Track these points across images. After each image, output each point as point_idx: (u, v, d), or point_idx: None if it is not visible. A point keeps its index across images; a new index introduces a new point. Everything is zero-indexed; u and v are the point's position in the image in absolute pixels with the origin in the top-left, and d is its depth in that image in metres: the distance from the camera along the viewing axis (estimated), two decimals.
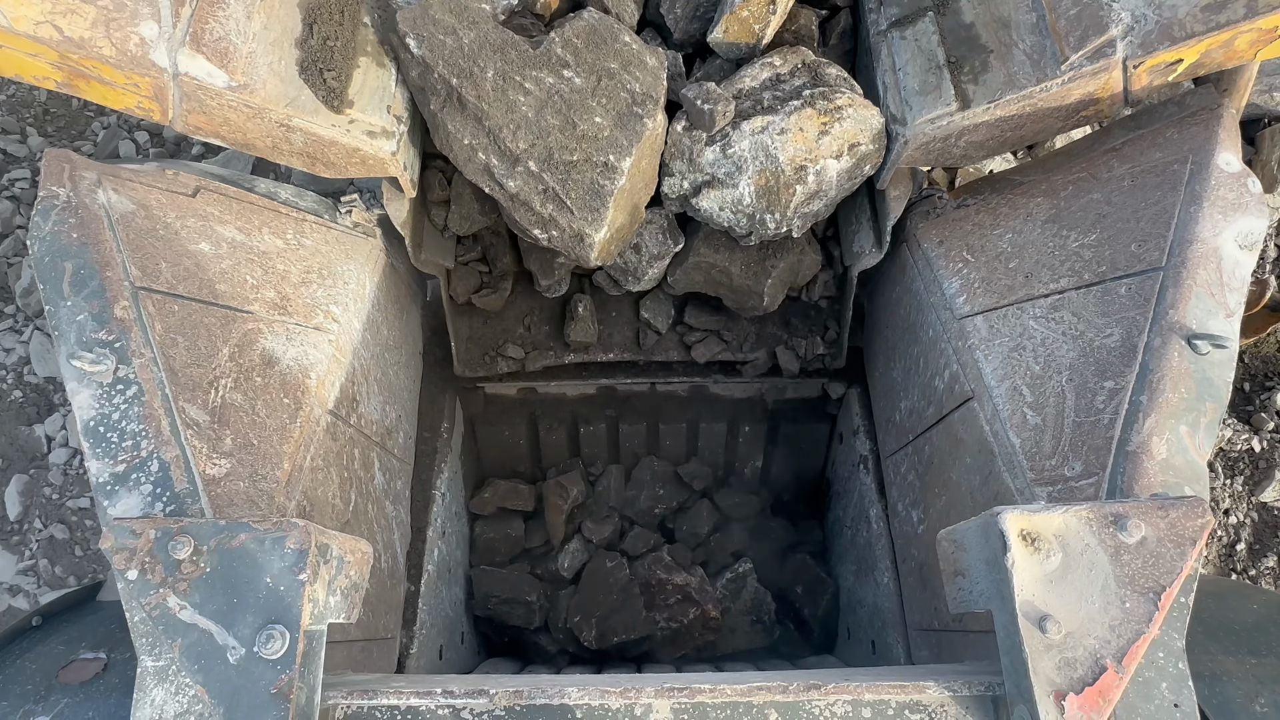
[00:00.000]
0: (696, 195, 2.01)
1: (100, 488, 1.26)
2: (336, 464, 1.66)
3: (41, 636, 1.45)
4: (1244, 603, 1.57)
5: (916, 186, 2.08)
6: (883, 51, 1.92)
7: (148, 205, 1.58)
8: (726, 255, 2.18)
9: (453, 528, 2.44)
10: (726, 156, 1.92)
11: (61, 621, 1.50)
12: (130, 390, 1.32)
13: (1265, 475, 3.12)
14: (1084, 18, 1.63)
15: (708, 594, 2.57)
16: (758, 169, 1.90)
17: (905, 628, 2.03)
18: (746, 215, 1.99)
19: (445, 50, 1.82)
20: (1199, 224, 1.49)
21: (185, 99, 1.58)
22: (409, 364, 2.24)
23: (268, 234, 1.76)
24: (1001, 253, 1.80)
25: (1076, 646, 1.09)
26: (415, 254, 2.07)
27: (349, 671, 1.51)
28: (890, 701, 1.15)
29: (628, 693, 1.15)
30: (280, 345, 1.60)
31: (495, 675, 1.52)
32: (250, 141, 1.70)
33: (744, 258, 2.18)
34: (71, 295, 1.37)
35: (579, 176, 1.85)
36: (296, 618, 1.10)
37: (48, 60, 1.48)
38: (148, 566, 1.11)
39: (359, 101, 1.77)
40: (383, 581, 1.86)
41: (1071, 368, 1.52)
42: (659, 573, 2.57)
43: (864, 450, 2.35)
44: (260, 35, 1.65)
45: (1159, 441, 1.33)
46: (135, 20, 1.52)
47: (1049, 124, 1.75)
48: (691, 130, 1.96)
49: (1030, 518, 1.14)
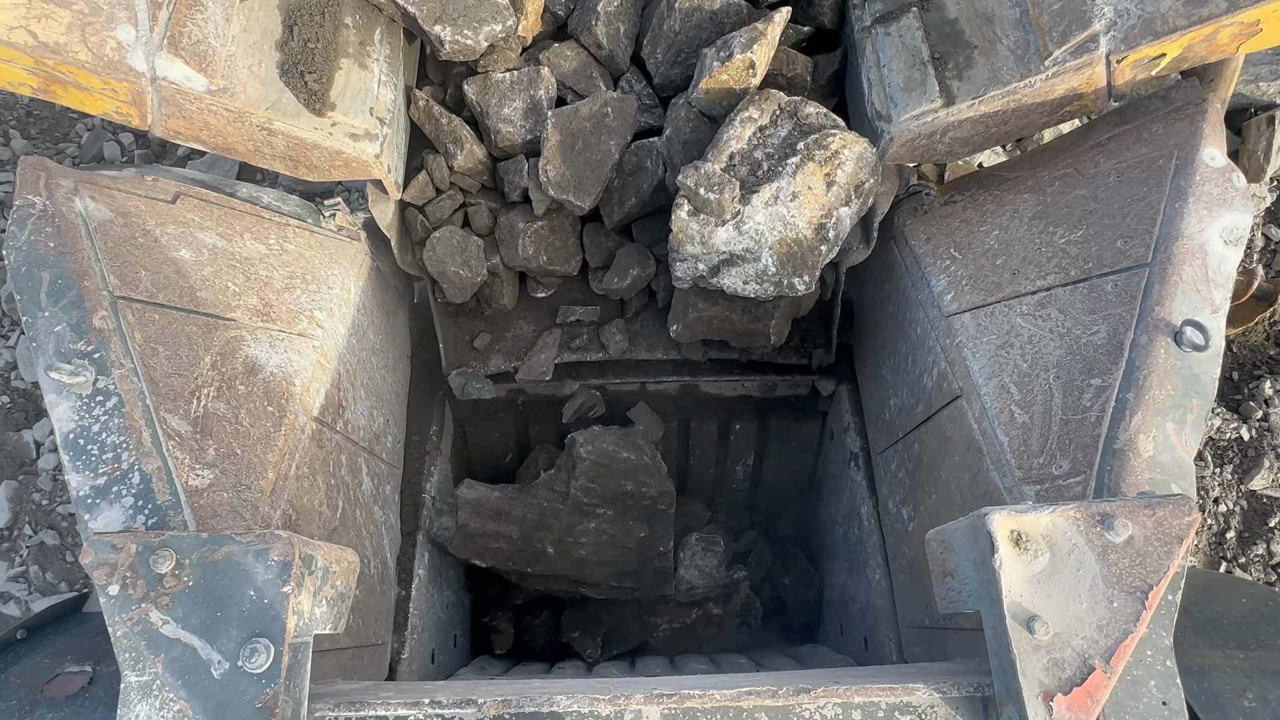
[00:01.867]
0: (716, 275, 1.96)
1: (81, 501, 1.25)
2: (323, 471, 1.65)
3: (26, 650, 1.44)
4: (1232, 596, 1.58)
5: (903, 183, 2.08)
6: (867, 48, 1.91)
7: (126, 212, 1.56)
8: (726, 306, 2.15)
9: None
10: (742, 234, 1.86)
11: (47, 634, 1.48)
12: (110, 401, 1.31)
13: (1254, 463, 3.14)
14: (1067, 12, 1.63)
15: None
16: (777, 239, 1.85)
17: (897, 624, 2.03)
18: (773, 283, 1.94)
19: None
20: (1184, 220, 1.49)
21: (164, 104, 1.56)
22: (396, 367, 2.22)
23: (250, 239, 1.74)
24: (989, 249, 1.79)
25: (1064, 647, 1.09)
26: (401, 256, 2.05)
27: (338, 679, 1.51)
28: (880, 703, 1.15)
29: (617, 700, 1.15)
30: (264, 352, 1.58)
31: (483, 682, 1.51)
32: (231, 146, 1.68)
33: (744, 304, 2.15)
34: (49, 305, 1.36)
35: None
36: (281, 630, 1.09)
37: (22, 66, 1.46)
38: (129, 581, 1.10)
39: (341, 104, 1.76)
40: (372, 588, 1.85)
41: (1059, 365, 1.52)
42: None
43: (854, 447, 2.35)
44: (240, 38, 1.63)
45: (1146, 439, 1.33)
46: (111, 24, 1.49)
47: (1034, 120, 1.75)
48: (698, 214, 1.89)
49: (1018, 518, 1.14)
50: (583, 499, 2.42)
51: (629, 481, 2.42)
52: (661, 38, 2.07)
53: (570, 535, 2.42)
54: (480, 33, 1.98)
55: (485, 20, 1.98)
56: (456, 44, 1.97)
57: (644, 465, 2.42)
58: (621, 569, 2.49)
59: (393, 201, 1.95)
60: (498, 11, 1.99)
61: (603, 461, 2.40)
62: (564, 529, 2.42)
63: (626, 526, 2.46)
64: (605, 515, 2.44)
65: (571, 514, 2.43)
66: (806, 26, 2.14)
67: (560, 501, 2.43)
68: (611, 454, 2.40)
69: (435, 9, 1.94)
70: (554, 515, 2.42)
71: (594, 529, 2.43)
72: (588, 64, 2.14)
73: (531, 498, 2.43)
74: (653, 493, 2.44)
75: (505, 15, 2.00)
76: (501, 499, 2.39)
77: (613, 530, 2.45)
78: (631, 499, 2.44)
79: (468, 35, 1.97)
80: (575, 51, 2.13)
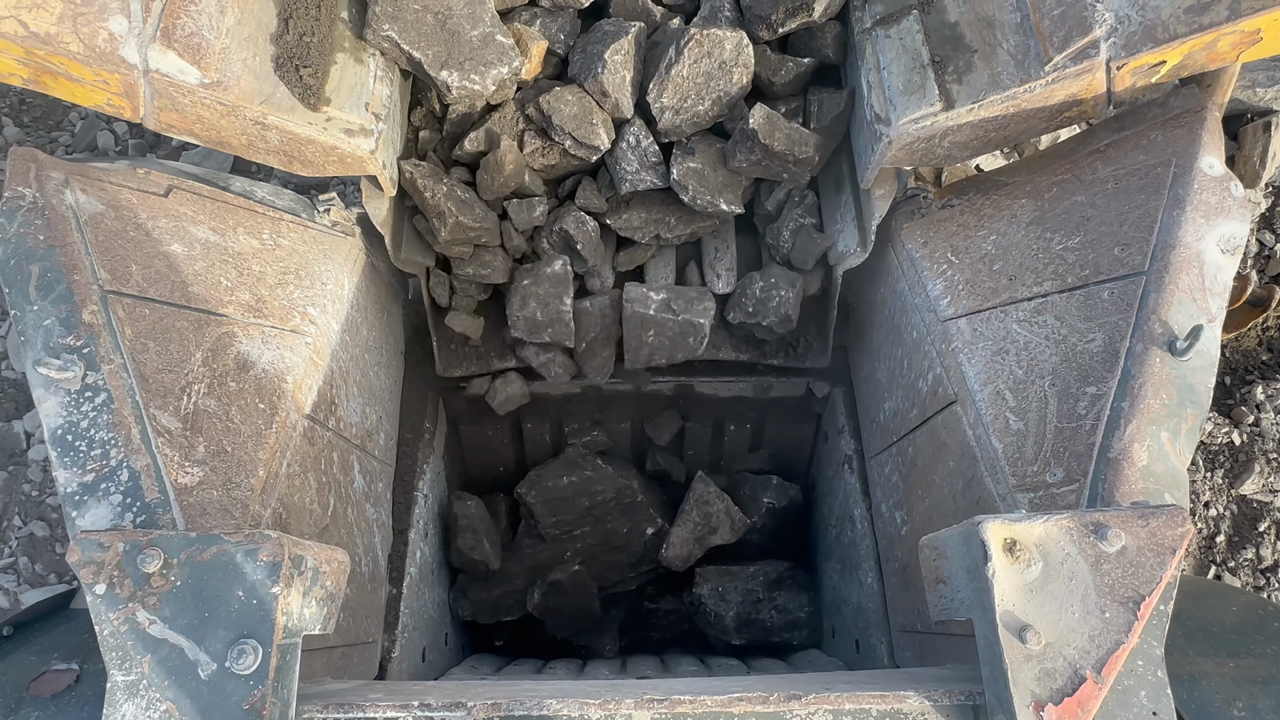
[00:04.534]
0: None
1: (68, 498, 1.23)
2: (314, 469, 1.64)
3: (12, 647, 1.42)
4: (1223, 604, 1.58)
5: (901, 186, 2.07)
6: (867, 50, 1.90)
7: (118, 205, 1.55)
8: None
9: (435, 529, 2.42)
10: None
11: (33, 631, 1.47)
12: (99, 397, 1.29)
13: (1245, 468, 3.15)
14: (1068, 18, 1.62)
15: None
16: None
17: (889, 628, 2.03)
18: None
19: None
20: (1182, 228, 1.49)
21: (157, 96, 1.54)
22: (390, 364, 2.21)
23: (243, 234, 1.73)
24: (985, 254, 1.79)
25: (1056, 657, 1.09)
26: (395, 253, 2.04)
27: (328, 678, 1.50)
28: (870, 711, 1.15)
29: (607, 704, 1.14)
30: (256, 349, 1.57)
31: (474, 684, 1.50)
32: (224, 139, 1.66)
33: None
34: (38, 299, 1.34)
35: None
36: (270, 631, 1.08)
37: (13, 56, 1.44)
38: (116, 580, 1.09)
39: (336, 99, 1.74)
40: (363, 586, 1.84)
41: (1054, 372, 1.51)
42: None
43: (849, 450, 2.35)
44: (234, 31, 1.61)
45: (1140, 448, 1.33)
46: (104, 15, 1.48)
47: (1033, 125, 1.74)
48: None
49: (1011, 527, 1.14)
50: (556, 532, 2.57)
51: (584, 498, 2.55)
52: (669, 82, 2.02)
53: (563, 561, 2.57)
54: (487, 77, 1.93)
55: (492, 63, 1.92)
56: (464, 89, 1.92)
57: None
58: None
59: (387, 197, 1.94)
60: (504, 54, 1.93)
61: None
62: (555, 559, 2.58)
63: (607, 530, 2.59)
64: (584, 533, 2.59)
65: (555, 546, 2.58)
66: (807, 59, 2.10)
67: (540, 543, 2.59)
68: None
69: (441, 53, 1.88)
70: (541, 555, 2.58)
71: (580, 548, 2.58)
72: (589, 110, 2.07)
73: (517, 553, 2.60)
74: (610, 494, 2.56)
75: (511, 57, 1.95)
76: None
77: (596, 539, 2.58)
78: (598, 509, 2.56)
79: (475, 80, 1.92)
80: (577, 96, 2.07)
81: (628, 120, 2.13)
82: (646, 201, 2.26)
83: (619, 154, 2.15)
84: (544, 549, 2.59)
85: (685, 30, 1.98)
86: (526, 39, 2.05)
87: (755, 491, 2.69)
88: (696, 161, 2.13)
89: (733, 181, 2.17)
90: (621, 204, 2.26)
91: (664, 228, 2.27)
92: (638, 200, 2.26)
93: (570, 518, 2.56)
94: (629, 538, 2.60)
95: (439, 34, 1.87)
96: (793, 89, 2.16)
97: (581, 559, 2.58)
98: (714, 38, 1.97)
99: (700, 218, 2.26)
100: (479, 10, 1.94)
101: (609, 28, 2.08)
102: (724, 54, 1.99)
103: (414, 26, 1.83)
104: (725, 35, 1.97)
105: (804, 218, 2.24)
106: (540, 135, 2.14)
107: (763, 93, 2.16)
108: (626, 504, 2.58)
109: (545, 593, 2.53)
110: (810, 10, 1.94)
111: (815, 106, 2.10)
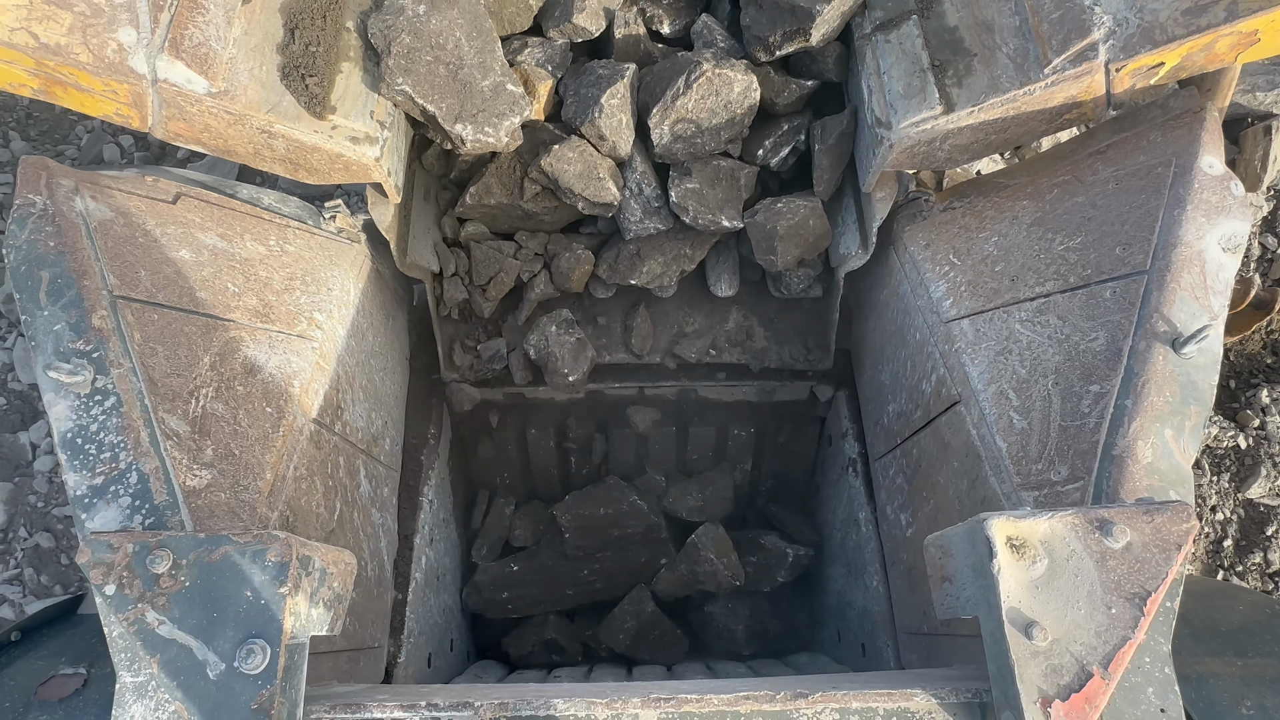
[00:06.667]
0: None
1: (78, 500, 1.24)
2: (321, 473, 1.65)
3: (20, 652, 1.43)
4: (1230, 604, 1.58)
5: (902, 189, 2.08)
6: (867, 55, 1.91)
7: (127, 212, 1.56)
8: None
9: (441, 534, 2.42)
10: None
11: (41, 636, 1.48)
12: (108, 401, 1.30)
13: (1251, 472, 3.14)
14: (1066, 21, 1.63)
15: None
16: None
17: (895, 631, 2.03)
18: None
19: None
20: (1183, 227, 1.50)
21: (164, 105, 1.56)
22: (395, 370, 2.22)
23: (250, 240, 1.74)
24: (987, 256, 1.80)
25: (1063, 653, 1.09)
26: (400, 259, 2.05)
27: (334, 683, 1.50)
28: (878, 709, 1.15)
29: (614, 703, 1.14)
30: (263, 353, 1.58)
31: (480, 685, 1.50)
32: (231, 148, 1.68)
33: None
34: (48, 304, 1.35)
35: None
36: (278, 631, 1.09)
37: (23, 67, 1.46)
38: (125, 581, 1.10)
39: (342, 107, 1.76)
40: (369, 590, 1.85)
41: (1057, 371, 1.52)
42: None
43: (853, 453, 2.35)
44: (241, 41, 1.63)
45: (1144, 445, 1.33)
46: (113, 26, 1.50)
47: (1033, 127, 1.75)
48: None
49: (1016, 524, 1.14)
50: (579, 554, 2.68)
51: (615, 529, 2.65)
52: (673, 111, 2.02)
53: (579, 575, 2.69)
54: (500, 128, 1.92)
55: (504, 114, 1.92)
56: (479, 142, 1.92)
57: (623, 513, 2.65)
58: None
59: (392, 204, 1.95)
60: (515, 103, 1.93)
61: (584, 525, 2.64)
62: (573, 575, 2.69)
63: (626, 557, 2.71)
64: (605, 556, 2.70)
65: (575, 564, 2.69)
66: (810, 81, 2.11)
67: (562, 559, 2.69)
68: (588, 515, 2.64)
69: (454, 106, 1.87)
70: (561, 568, 2.69)
71: (599, 569, 2.70)
72: (593, 166, 2.08)
73: (535, 560, 2.70)
74: (640, 529, 2.67)
75: (523, 106, 1.95)
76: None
77: (615, 564, 2.71)
78: (624, 539, 2.68)
79: (489, 133, 1.91)
80: (578, 152, 2.07)
81: (626, 162, 2.14)
82: (655, 242, 2.27)
83: (622, 203, 2.17)
84: (564, 565, 2.69)
85: (697, 64, 1.98)
86: (533, 79, 2.05)
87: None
88: (694, 182, 2.14)
89: (732, 196, 2.17)
90: (634, 259, 2.27)
91: (683, 261, 2.30)
92: (647, 246, 2.27)
93: (596, 543, 2.67)
94: (644, 566, 2.74)
95: (452, 85, 1.86)
96: (796, 107, 2.17)
97: (599, 578, 2.72)
98: (724, 78, 1.98)
99: (709, 235, 2.27)
100: (490, 60, 1.92)
101: (602, 70, 2.07)
102: (731, 94, 2.01)
103: (427, 79, 1.82)
104: (736, 78, 1.99)
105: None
106: (548, 195, 2.17)
107: (766, 112, 2.17)
108: (651, 538, 2.70)
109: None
110: (808, 36, 1.93)
111: (819, 130, 2.10)
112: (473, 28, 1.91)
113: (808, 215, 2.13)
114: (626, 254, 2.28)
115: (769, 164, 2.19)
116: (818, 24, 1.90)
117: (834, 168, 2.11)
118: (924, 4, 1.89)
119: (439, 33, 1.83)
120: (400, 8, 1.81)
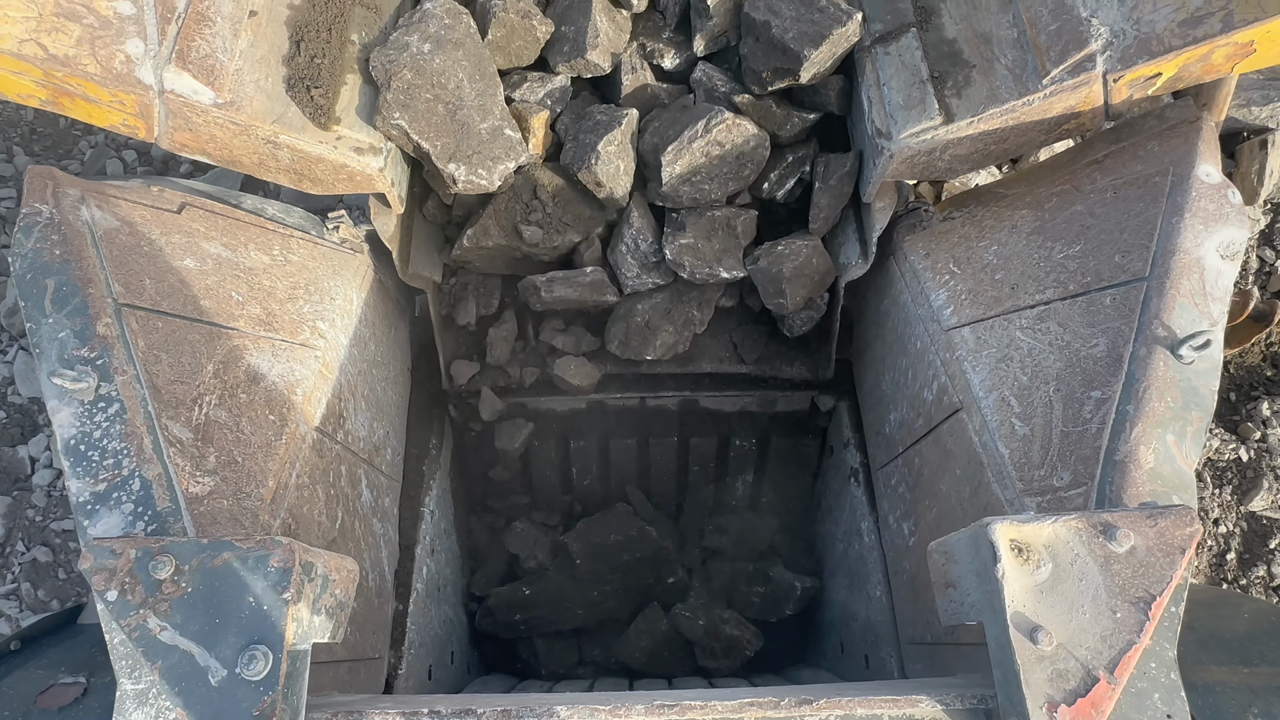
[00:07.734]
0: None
1: (80, 507, 1.24)
2: (323, 481, 1.65)
3: (20, 661, 1.42)
4: (1235, 612, 1.57)
5: (902, 199, 2.10)
6: (867, 66, 1.93)
7: (132, 222, 1.57)
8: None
9: (442, 545, 2.41)
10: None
11: (41, 645, 1.47)
12: (112, 408, 1.30)
13: (1253, 484, 3.13)
14: (1064, 33, 1.65)
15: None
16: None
17: (898, 641, 2.02)
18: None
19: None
20: (1181, 235, 1.51)
21: (171, 116, 1.58)
22: (397, 380, 2.22)
23: (254, 250, 1.75)
24: (987, 264, 1.81)
25: (1068, 658, 1.09)
26: (403, 269, 2.06)
27: (335, 692, 1.49)
28: (883, 716, 1.14)
29: (617, 710, 1.14)
30: (266, 362, 1.59)
31: (483, 694, 1.50)
32: (236, 158, 1.69)
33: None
34: (53, 312, 1.36)
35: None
36: (280, 638, 1.08)
37: (32, 78, 1.47)
38: (128, 587, 1.09)
39: (346, 118, 1.78)
40: (370, 600, 1.84)
41: (1058, 378, 1.52)
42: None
43: (854, 463, 2.34)
44: (247, 52, 1.65)
45: (1146, 451, 1.33)
46: (121, 38, 1.51)
47: (1031, 137, 1.77)
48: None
49: (1020, 528, 1.14)
50: (588, 576, 2.75)
51: (625, 554, 2.73)
52: (687, 153, 2.03)
53: (589, 596, 2.76)
54: (494, 172, 1.92)
55: (499, 158, 1.92)
56: (470, 183, 1.92)
57: (632, 538, 2.73)
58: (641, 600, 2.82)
59: (395, 214, 1.96)
60: (511, 148, 1.94)
61: (594, 551, 2.72)
62: (584, 596, 2.76)
63: (635, 578, 2.79)
64: (614, 578, 2.77)
65: (585, 585, 2.76)
66: (813, 114, 2.11)
67: (571, 579, 2.75)
68: (599, 543, 2.72)
69: (450, 145, 1.87)
70: (571, 589, 2.76)
71: (607, 590, 2.77)
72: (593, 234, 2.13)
73: (542, 580, 2.76)
74: (649, 553, 2.75)
75: (519, 151, 1.95)
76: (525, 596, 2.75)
77: (623, 584, 2.78)
78: (633, 563, 2.75)
79: (481, 175, 1.92)
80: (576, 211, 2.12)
81: (624, 206, 2.15)
82: (662, 309, 2.28)
83: (619, 258, 2.18)
84: (575, 586, 2.76)
85: (719, 111, 2.00)
86: (526, 115, 2.04)
87: (776, 597, 2.75)
88: (688, 236, 2.13)
89: (730, 245, 2.16)
90: (644, 332, 2.28)
91: (693, 325, 2.32)
92: (655, 316, 2.27)
93: (605, 567, 2.74)
94: (652, 585, 2.82)
95: (449, 125, 1.86)
96: (799, 138, 2.17)
97: (608, 599, 2.78)
98: (742, 129, 2.01)
99: (711, 289, 2.29)
100: (489, 102, 1.92)
101: (600, 116, 2.07)
102: (746, 147, 2.03)
103: (424, 116, 1.82)
104: (752, 132, 2.02)
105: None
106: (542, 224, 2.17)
107: (771, 143, 2.16)
108: (659, 561, 2.78)
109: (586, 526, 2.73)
110: (796, 76, 1.95)
111: (822, 167, 2.11)
112: (476, 70, 1.91)
113: (810, 254, 2.15)
114: (636, 328, 2.28)
115: (775, 197, 2.19)
116: (806, 66, 1.91)
117: (832, 207, 2.11)
118: (923, 16, 1.91)
119: (441, 72, 1.84)
120: (405, 44, 1.82)
